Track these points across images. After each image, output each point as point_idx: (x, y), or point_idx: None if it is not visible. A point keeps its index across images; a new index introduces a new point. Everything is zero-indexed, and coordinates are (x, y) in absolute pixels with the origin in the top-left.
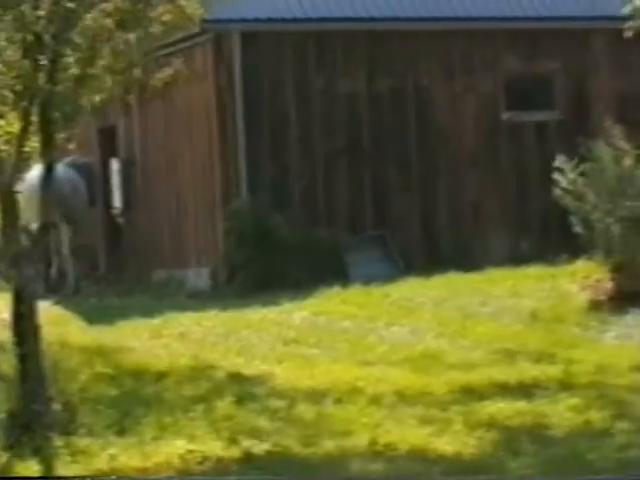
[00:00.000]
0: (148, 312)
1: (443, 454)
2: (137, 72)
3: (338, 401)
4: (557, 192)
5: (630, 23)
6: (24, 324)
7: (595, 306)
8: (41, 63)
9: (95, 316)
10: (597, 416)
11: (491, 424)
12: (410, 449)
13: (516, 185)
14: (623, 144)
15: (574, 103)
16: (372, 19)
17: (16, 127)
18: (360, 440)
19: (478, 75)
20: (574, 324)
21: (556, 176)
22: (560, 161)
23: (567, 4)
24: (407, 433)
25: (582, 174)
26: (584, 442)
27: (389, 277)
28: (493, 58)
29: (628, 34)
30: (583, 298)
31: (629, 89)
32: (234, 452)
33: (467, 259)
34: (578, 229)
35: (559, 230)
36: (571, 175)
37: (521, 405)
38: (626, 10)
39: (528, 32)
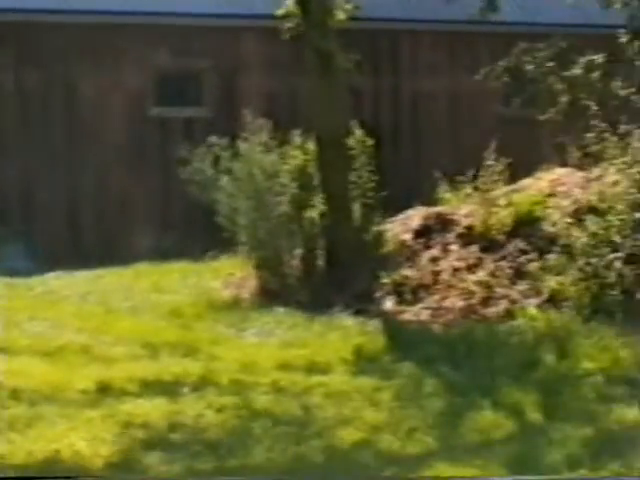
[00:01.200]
0: None
1: (80, 452)
2: None
3: None
4: (191, 184)
5: (283, 23)
6: None
7: (238, 303)
8: None
9: None
10: (240, 414)
11: (130, 421)
12: (50, 447)
13: (163, 181)
14: (270, 141)
15: (224, 100)
16: (20, 10)
17: None
18: None
19: (127, 70)
20: (217, 321)
21: (182, 168)
22: (185, 151)
23: (219, 2)
24: (46, 430)
25: (216, 164)
26: (228, 441)
27: (34, 271)
28: (143, 53)
29: (285, 36)
30: (226, 295)
31: (278, 87)
32: None
33: (113, 254)
34: (219, 222)
35: (205, 226)
36: (200, 165)
37: (161, 402)
38: (279, 11)
39: (180, 28)
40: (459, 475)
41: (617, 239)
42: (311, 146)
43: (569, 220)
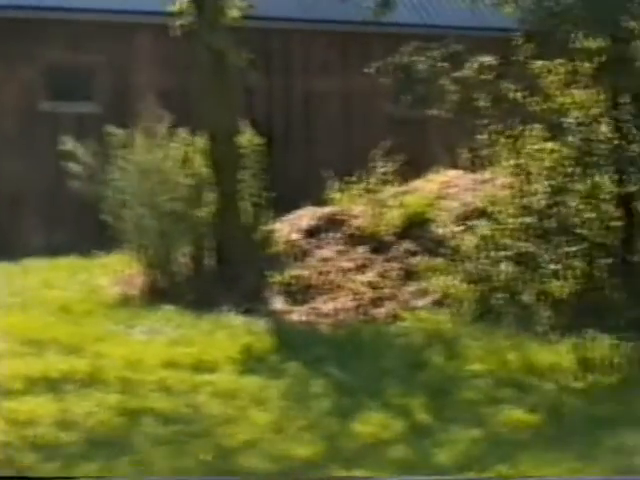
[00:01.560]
0: None
1: None
2: None
3: None
4: (73, 180)
5: (177, 21)
6: None
7: (127, 300)
8: None
9: None
10: (127, 412)
11: (15, 419)
12: None
13: (54, 176)
14: (162, 138)
15: (116, 96)
16: None
17: None
18: None
19: (18, 64)
20: (105, 318)
21: (68, 162)
22: (70, 144)
23: None
24: None
25: (104, 160)
26: (114, 439)
27: None
28: (35, 48)
29: (175, 32)
30: (115, 292)
31: (171, 84)
32: None
33: (4, 250)
34: (108, 219)
35: (96, 222)
36: (86, 159)
37: (47, 400)
38: (172, 8)
39: (73, 23)
40: (348, 476)
41: (506, 242)
42: (201, 144)
43: (458, 222)
